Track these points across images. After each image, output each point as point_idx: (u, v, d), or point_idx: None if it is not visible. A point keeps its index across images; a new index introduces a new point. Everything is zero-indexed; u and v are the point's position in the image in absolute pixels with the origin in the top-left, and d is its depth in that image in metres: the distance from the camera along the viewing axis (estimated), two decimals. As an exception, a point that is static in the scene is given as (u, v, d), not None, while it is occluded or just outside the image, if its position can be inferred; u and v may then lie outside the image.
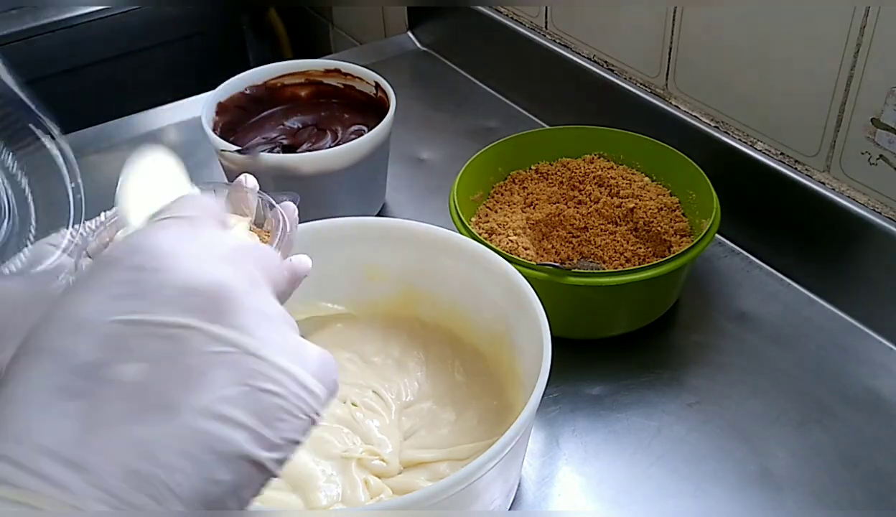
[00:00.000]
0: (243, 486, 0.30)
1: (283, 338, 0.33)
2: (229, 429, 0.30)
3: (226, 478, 0.29)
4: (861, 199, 0.68)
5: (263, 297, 0.33)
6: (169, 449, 0.28)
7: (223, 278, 0.32)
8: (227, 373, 0.30)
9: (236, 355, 0.31)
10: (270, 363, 0.31)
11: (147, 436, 0.28)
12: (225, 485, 0.29)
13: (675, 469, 0.59)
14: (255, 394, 0.30)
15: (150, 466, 0.28)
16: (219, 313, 0.31)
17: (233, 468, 0.30)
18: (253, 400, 0.30)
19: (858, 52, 0.65)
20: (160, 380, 0.29)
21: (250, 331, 0.31)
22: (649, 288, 0.65)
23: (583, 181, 0.77)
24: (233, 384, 0.30)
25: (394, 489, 0.53)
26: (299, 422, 0.32)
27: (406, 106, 0.96)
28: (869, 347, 0.68)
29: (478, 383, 0.60)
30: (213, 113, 0.80)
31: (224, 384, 0.30)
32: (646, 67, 0.84)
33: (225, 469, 0.29)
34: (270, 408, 0.31)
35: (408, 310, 0.64)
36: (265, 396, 0.31)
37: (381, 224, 0.64)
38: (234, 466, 0.30)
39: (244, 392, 0.30)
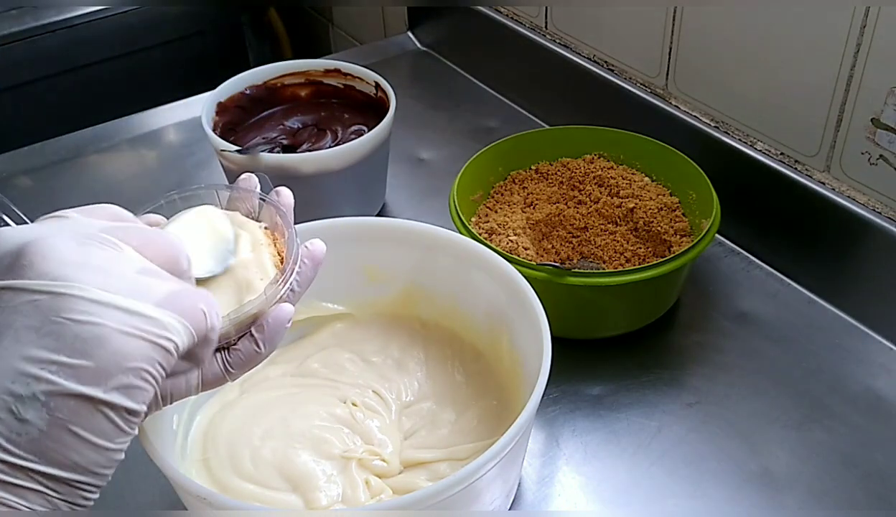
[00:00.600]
0: (74, 422, 0.31)
1: (117, 279, 0.33)
2: (31, 367, 0.31)
3: (34, 416, 0.31)
4: (861, 199, 0.68)
5: (93, 251, 0.34)
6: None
7: (34, 236, 0.33)
8: (31, 318, 0.31)
9: (42, 300, 0.32)
10: (80, 298, 0.32)
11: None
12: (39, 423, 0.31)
13: (675, 469, 0.59)
14: (63, 329, 0.31)
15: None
16: (25, 268, 0.32)
17: (41, 405, 0.31)
18: (60, 336, 0.31)
19: (858, 52, 0.65)
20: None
21: (62, 276, 0.32)
22: (649, 288, 0.65)
23: (583, 181, 0.77)
24: (36, 326, 0.31)
25: (394, 489, 0.53)
26: (134, 348, 0.32)
27: (406, 106, 0.96)
28: (869, 347, 0.68)
29: (478, 383, 0.60)
30: (213, 113, 0.80)
31: (26, 327, 0.31)
32: (646, 67, 0.84)
33: (31, 407, 0.31)
34: (85, 340, 0.32)
35: (408, 310, 0.65)
36: (76, 328, 0.32)
37: (381, 224, 0.63)
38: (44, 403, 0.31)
39: (50, 330, 0.31)
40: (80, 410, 0.31)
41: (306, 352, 0.63)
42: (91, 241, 0.35)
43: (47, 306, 0.32)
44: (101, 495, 0.35)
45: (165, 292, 0.35)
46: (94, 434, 0.32)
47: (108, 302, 0.32)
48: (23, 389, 0.31)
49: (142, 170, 0.95)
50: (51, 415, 0.31)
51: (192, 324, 0.35)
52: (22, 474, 0.31)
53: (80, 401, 0.31)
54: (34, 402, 0.31)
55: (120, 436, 0.33)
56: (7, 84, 1.18)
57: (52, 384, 0.31)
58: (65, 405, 0.31)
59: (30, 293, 0.32)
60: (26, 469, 0.31)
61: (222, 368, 0.44)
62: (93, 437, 0.32)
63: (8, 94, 1.19)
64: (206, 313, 0.36)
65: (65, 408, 0.31)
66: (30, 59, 1.18)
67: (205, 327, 0.36)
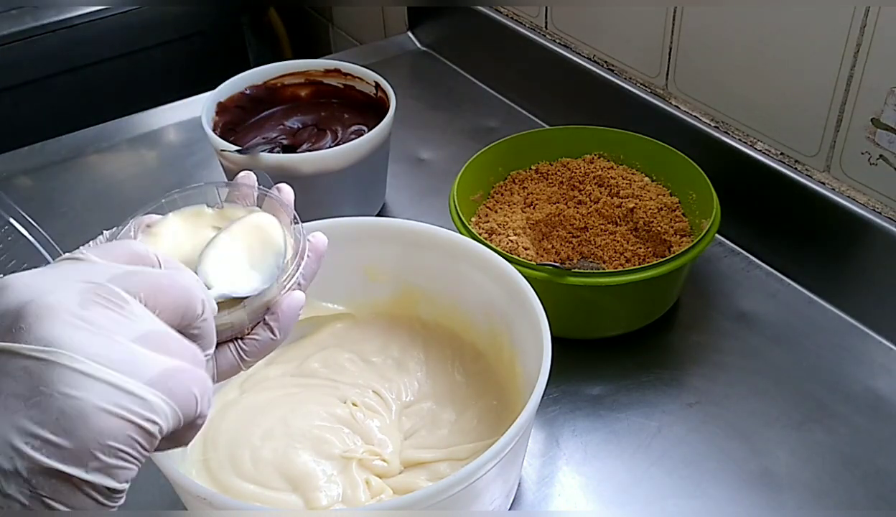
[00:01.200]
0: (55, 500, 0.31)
1: (111, 349, 0.32)
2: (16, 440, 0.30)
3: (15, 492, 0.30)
4: (861, 199, 0.68)
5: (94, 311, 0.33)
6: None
7: (36, 294, 0.33)
8: (22, 386, 0.31)
9: (33, 366, 0.31)
10: (68, 368, 0.31)
11: None
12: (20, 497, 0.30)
13: (675, 469, 0.59)
14: (49, 401, 0.31)
15: None
16: (22, 331, 0.31)
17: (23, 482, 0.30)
18: (46, 408, 0.30)
19: (858, 52, 0.65)
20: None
21: (56, 342, 0.31)
22: (649, 288, 0.65)
23: (583, 181, 0.77)
24: (25, 395, 0.30)
25: (394, 489, 0.53)
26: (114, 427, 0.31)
27: (406, 106, 0.96)
28: (869, 347, 0.68)
29: (478, 383, 0.60)
30: (213, 113, 0.80)
31: (15, 395, 0.30)
32: (646, 67, 0.84)
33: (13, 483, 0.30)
34: (68, 415, 0.31)
35: (408, 310, 0.65)
36: (60, 401, 0.31)
37: (381, 224, 0.63)
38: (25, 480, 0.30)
39: (37, 401, 0.30)
40: (61, 488, 0.31)
41: (306, 352, 0.63)
42: (95, 297, 0.34)
43: (37, 374, 0.31)
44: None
45: (160, 370, 0.33)
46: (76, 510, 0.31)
47: (95, 375, 0.31)
48: (6, 463, 0.30)
49: (142, 170, 0.95)
50: (32, 491, 0.30)
51: (181, 407, 0.34)
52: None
53: (61, 480, 0.31)
54: (17, 478, 0.30)
55: (102, 510, 0.32)
56: (7, 84, 1.18)
57: (34, 462, 0.30)
58: (46, 483, 0.30)
59: (23, 358, 0.31)
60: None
61: (237, 357, 0.44)
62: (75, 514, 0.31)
63: (8, 94, 1.19)
64: (197, 399, 0.35)
65: (47, 485, 0.30)
66: (30, 59, 1.18)
67: (193, 413, 0.35)
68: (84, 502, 0.31)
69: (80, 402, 0.31)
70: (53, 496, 0.31)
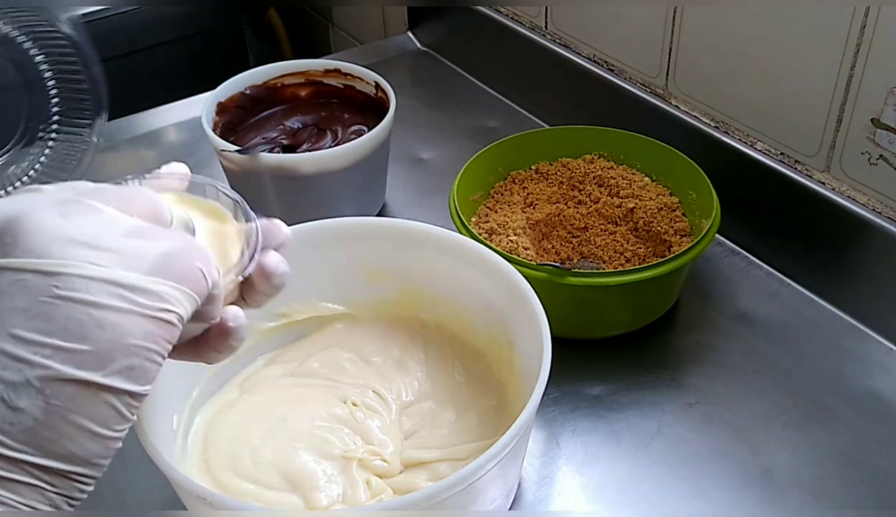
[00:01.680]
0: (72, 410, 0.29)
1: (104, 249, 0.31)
2: (22, 351, 0.29)
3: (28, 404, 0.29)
4: (861, 199, 0.68)
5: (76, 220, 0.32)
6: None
7: (15, 212, 0.31)
8: (19, 299, 0.29)
9: (29, 279, 0.30)
10: (71, 275, 0.30)
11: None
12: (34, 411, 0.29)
13: (675, 469, 0.59)
14: (55, 310, 0.30)
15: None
16: (8, 245, 0.30)
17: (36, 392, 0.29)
18: (51, 317, 0.29)
19: (858, 52, 0.65)
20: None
21: (49, 253, 0.30)
22: (649, 288, 0.65)
23: (583, 181, 0.77)
24: (24, 307, 0.29)
25: (395, 489, 0.53)
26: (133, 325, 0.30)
27: (406, 106, 0.96)
28: (869, 347, 0.68)
29: (478, 383, 0.60)
30: (213, 113, 0.80)
31: (13, 309, 0.29)
32: (646, 67, 0.84)
33: (24, 395, 0.29)
34: (80, 321, 0.30)
35: (408, 310, 0.64)
36: (68, 308, 0.30)
37: (381, 224, 0.63)
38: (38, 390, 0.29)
39: (39, 311, 0.29)
40: (78, 397, 0.29)
41: (306, 352, 0.63)
42: (72, 208, 0.33)
43: (35, 286, 0.30)
44: (102, 495, 0.34)
45: (156, 257, 0.32)
46: (94, 422, 0.30)
47: (96, 276, 0.30)
48: (14, 375, 0.29)
49: (142, 170, 0.95)
50: (46, 402, 0.29)
51: (191, 287, 0.33)
52: (16, 467, 0.29)
53: (78, 387, 0.29)
54: (28, 389, 0.29)
55: (120, 423, 0.31)
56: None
57: (47, 369, 0.29)
58: (62, 391, 0.29)
59: (15, 272, 0.30)
60: (20, 462, 0.29)
61: None
62: (92, 426, 0.30)
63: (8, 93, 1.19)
64: (204, 272, 0.33)
65: (62, 394, 0.29)
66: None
67: (205, 288, 0.34)
68: (102, 412, 0.30)
69: (90, 307, 0.30)
70: (70, 406, 0.29)
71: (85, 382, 0.30)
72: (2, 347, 0.29)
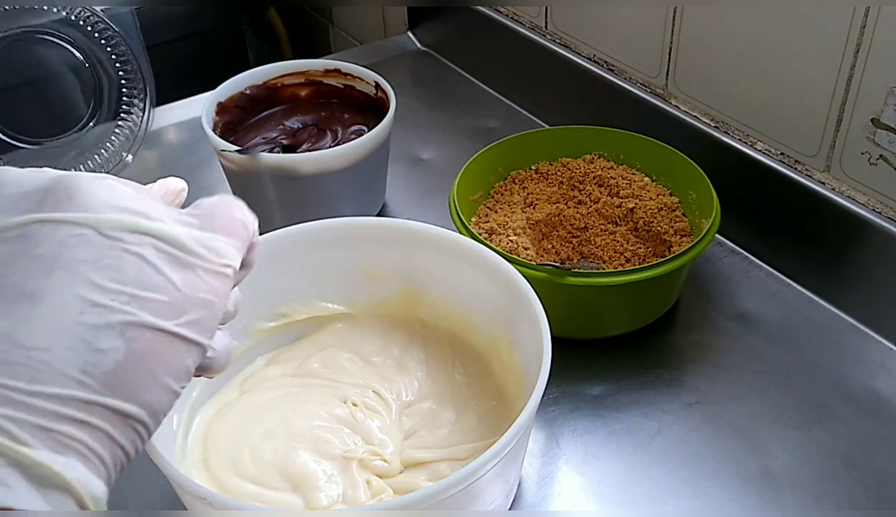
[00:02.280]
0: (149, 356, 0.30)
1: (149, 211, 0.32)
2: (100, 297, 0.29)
3: (110, 346, 0.29)
4: (861, 199, 0.68)
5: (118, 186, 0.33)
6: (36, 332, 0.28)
7: (60, 174, 0.32)
8: (83, 252, 0.30)
9: (89, 234, 0.30)
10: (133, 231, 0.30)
11: (11, 327, 0.28)
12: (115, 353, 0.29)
13: (675, 469, 0.59)
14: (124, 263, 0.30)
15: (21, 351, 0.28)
16: (61, 201, 0.30)
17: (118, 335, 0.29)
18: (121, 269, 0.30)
19: (858, 52, 0.65)
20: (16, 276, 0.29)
21: (100, 211, 0.31)
22: (649, 288, 0.65)
23: (583, 181, 0.77)
24: (90, 259, 0.29)
25: (395, 489, 0.53)
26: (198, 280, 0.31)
27: (406, 106, 0.96)
28: (869, 347, 0.68)
29: (478, 383, 0.60)
30: (213, 113, 0.80)
31: (79, 260, 0.29)
32: (646, 67, 0.84)
33: (106, 337, 0.29)
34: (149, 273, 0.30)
35: (408, 310, 0.65)
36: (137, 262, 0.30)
37: (381, 224, 0.63)
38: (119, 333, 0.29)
39: (108, 264, 0.30)
40: (155, 344, 0.30)
41: (306, 352, 0.63)
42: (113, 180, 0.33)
43: (99, 240, 0.30)
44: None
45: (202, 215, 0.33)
46: (167, 372, 0.30)
47: (163, 234, 0.31)
48: (96, 319, 0.29)
49: (142, 170, 0.95)
50: (128, 346, 0.29)
51: (239, 238, 0.34)
52: (92, 410, 0.29)
53: (155, 334, 0.29)
54: (109, 332, 0.29)
55: (185, 378, 0.32)
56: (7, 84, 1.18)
57: (127, 314, 0.29)
58: (142, 336, 0.29)
59: (74, 226, 0.30)
60: (98, 404, 0.29)
61: None
62: (165, 375, 0.30)
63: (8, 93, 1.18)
64: (242, 222, 0.35)
65: (142, 339, 0.29)
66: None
67: (247, 236, 0.35)
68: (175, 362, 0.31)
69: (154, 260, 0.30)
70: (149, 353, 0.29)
71: (162, 330, 0.30)
72: (80, 293, 0.29)
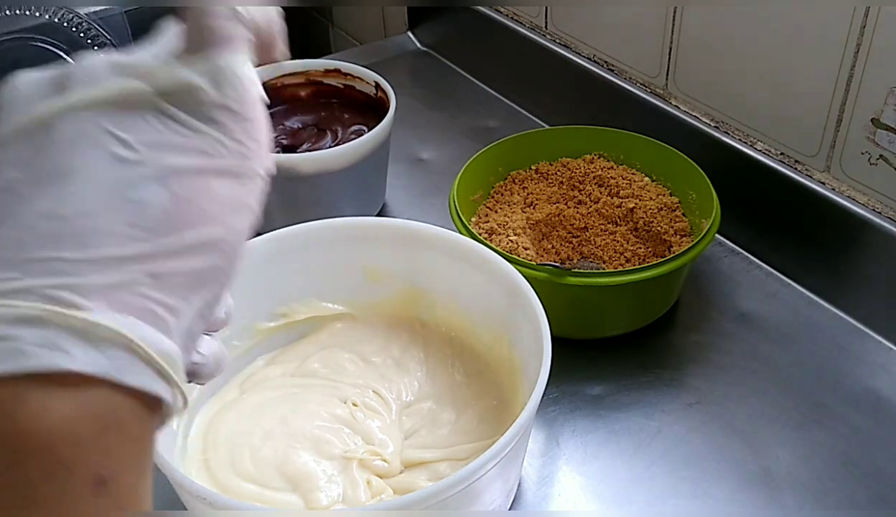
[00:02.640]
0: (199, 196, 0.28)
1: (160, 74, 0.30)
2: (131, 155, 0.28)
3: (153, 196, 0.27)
4: (861, 199, 0.68)
5: None
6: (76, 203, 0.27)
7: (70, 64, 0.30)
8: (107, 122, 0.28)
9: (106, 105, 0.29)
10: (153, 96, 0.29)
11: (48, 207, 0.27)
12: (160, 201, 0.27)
13: (675, 469, 0.59)
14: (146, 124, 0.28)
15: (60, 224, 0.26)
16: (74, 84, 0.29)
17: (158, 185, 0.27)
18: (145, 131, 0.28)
19: (858, 52, 0.65)
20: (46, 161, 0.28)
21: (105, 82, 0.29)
22: (649, 288, 0.65)
23: (583, 181, 0.77)
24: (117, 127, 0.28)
25: (395, 489, 0.53)
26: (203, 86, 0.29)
27: (406, 106, 0.96)
28: (869, 347, 0.68)
29: (478, 383, 0.60)
30: (213, 113, 0.80)
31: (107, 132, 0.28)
32: (646, 67, 0.84)
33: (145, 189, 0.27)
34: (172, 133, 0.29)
35: (408, 310, 0.65)
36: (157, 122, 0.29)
37: (381, 224, 0.64)
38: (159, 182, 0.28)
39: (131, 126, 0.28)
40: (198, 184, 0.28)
41: (306, 352, 0.63)
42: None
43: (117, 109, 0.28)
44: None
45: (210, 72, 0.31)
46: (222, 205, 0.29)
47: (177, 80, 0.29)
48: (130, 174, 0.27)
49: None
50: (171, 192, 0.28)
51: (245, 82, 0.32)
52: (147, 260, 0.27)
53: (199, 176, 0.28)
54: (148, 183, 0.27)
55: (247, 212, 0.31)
56: (7, 84, 1.18)
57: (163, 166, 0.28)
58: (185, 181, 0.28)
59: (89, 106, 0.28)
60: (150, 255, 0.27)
61: None
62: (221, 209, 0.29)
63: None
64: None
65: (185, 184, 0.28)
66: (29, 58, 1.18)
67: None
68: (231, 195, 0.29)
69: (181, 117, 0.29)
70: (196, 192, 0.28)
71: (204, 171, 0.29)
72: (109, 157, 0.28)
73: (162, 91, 0.29)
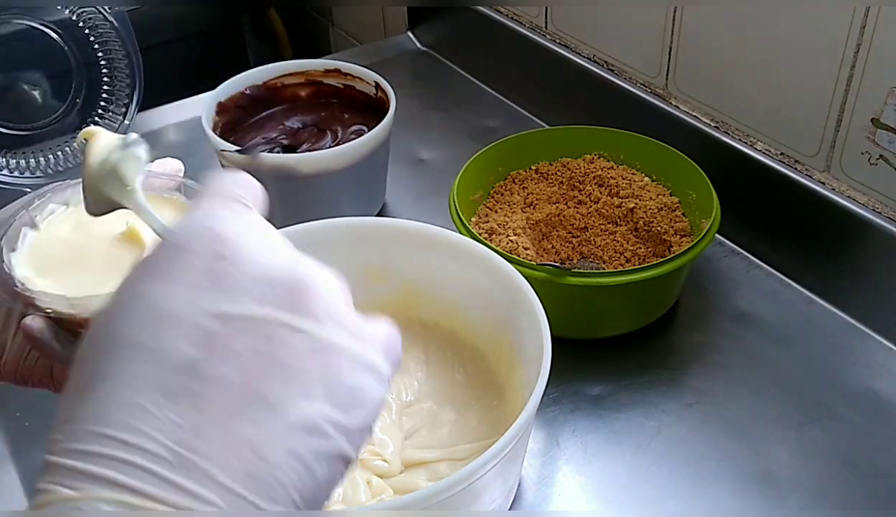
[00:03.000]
0: (334, 481, 0.30)
1: (351, 323, 0.33)
2: (324, 424, 0.30)
3: (322, 473, 0.29)
4: (861, 199, 0.68)
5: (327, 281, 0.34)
6: (277, 448, 0.28)
7: (295, 266, 0.33)
8: (314, 367, 0.30)
9: (317, 347, 0.31)
10: (348, 353, 0.31)
11: (256, 436, 0.28)
12: (320, 481, 0.29)
13: (675, 469, 0.59)
14: (338, 386, 0.31)
15: (263, 466, 0.28)
16: (295, 303, 0.31)
17: (327, 462, 0.30)
18: (337, 393, 0.30)
19: (858, 52, 0.65)
20: (258, 376, 0.29)
21: (322, 318, 0.31)
22: (649, 288, 0.65)
23: (583, 181, 0.77)
24: (321, 379, 0.30)
25: (395, 489, 0.53)
26: (374, 406, 0.32)
27: (406, 106, 0.96)
28: (869, 347, 0.68)
29: (478, 383, 0.60)
30: (213, 113, 0.80)
31: (314, 379, 0.30)
32: (646, 67, 0.84)
33: (319, 464, 0.29)
34: (350, 399, 0.31)
35: (408, 310, 0.64)
36: (345, 385, 0.31)
37: (381, 224, 0.63)
38: (328, 461, 0.30)
39: (331, 387, 0.30)
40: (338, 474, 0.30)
41: (306, 352, 0.63)
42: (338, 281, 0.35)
43: (325, 359, 0.31)
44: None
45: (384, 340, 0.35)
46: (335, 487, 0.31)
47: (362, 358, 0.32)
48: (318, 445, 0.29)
49: (142, 170, 0.95)
50: (329, 473, 0.30)
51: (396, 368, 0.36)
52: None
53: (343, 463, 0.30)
54: (324, 461, 0.29)
55: None
56: (7, 84, 1.18)
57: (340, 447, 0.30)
58: (337, 467, 0.30)
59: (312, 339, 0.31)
60: None
61: None
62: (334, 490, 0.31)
63: (8, 94, 1.19)
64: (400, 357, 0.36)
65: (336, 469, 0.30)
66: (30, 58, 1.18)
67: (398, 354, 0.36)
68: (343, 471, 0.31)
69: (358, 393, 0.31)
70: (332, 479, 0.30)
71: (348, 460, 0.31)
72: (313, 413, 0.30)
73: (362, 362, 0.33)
